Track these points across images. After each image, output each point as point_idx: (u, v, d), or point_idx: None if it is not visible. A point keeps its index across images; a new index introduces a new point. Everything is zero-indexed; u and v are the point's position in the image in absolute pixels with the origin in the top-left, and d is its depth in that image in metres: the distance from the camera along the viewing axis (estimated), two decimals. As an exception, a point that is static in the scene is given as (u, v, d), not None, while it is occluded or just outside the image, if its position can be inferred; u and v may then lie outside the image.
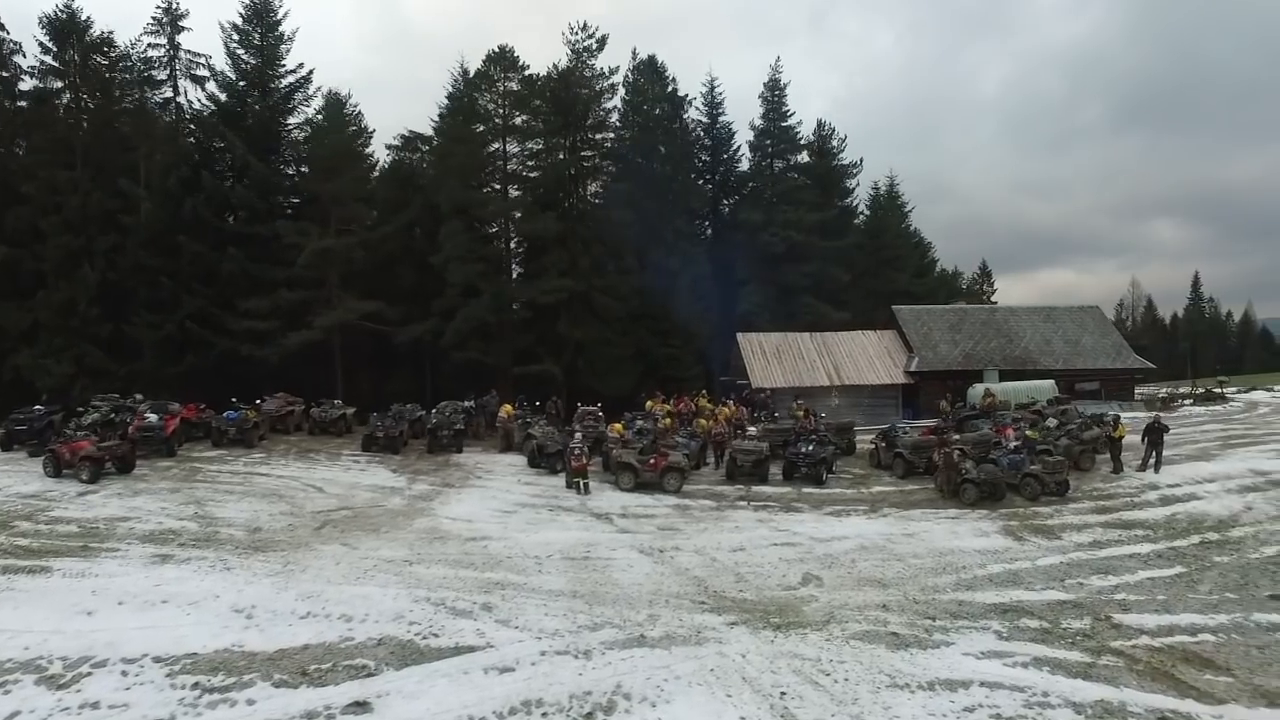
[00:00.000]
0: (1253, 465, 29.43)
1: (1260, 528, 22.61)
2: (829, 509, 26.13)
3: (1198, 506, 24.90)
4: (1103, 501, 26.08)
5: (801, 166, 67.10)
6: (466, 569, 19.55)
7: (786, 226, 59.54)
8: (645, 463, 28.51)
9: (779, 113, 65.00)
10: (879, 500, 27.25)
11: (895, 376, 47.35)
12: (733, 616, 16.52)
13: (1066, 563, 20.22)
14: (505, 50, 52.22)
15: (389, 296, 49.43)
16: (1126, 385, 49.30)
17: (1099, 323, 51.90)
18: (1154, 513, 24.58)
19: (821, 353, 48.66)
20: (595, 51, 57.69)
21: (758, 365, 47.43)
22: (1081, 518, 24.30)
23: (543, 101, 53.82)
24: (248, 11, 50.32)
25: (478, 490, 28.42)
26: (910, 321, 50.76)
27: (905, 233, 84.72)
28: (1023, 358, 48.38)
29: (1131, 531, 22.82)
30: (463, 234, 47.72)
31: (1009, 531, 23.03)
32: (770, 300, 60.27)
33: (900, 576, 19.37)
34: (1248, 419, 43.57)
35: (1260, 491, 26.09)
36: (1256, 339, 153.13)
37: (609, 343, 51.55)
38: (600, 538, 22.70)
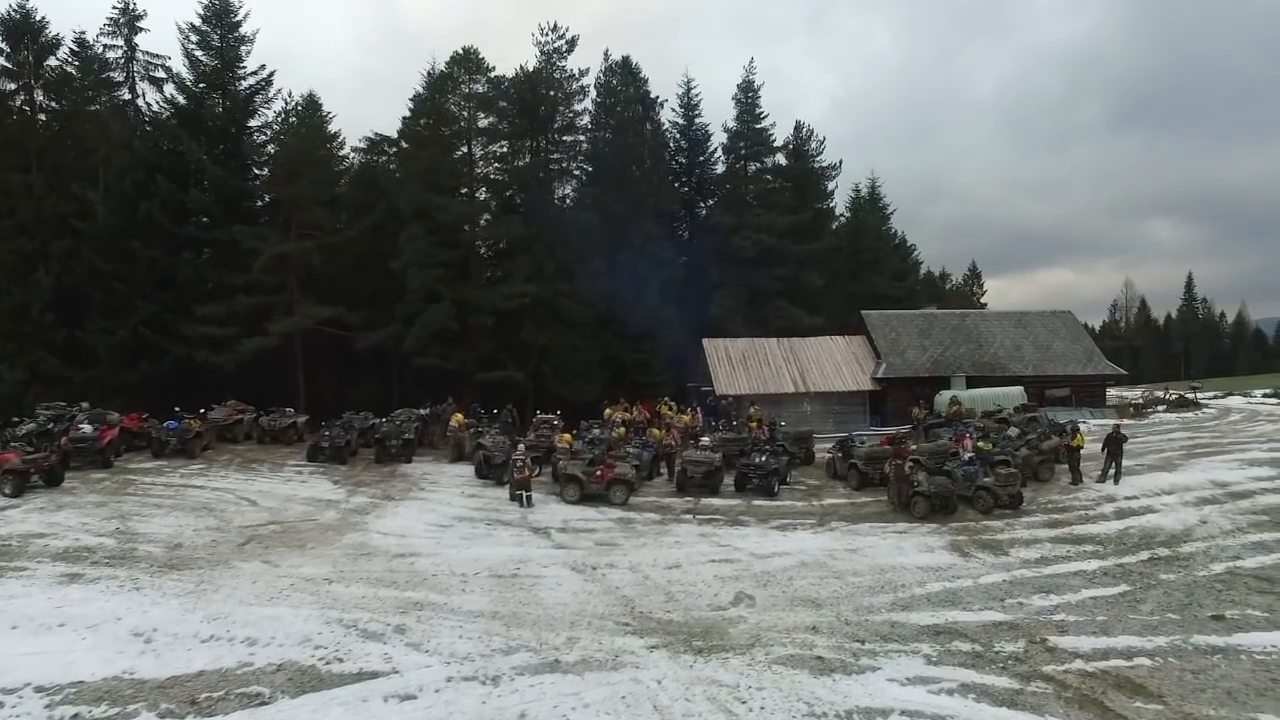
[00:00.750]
0: (1214, 476, 28.86)
1: (1212, 543, 22.01)
2: (776, 523, 25.49)
3: (1152, 520, 24.30)
4: (1056, 515, 25.47)
5: (777, 169, 66.55)
6: (388, 588, 18.91)
7: (759, 230, 58.92)
8: (591, 474, 27.81)
9: (753, 114, 64.50)
10: (828, 513, 26.60)
11: (862, 383, 46.66)
12: (655, 639, 15.90)
13: (1009, 581, 19.60)
14: (470, 52, 51.57)
15: (353, 301, 48.76)
16: (1098, 391, 48.66)
17: (1071, 328, 51.21)
18: (1107, 527, 23.99)
19: (788, 359, 47.96)
20: (565, 53, 57.03)
21: (722, 372, 46.75)
22: (1032, 532, 23.70)
23: (509, 104, 53.10)
24: (207, 12, 49.44)
25: (418, 503, 27.71)
26: (879, 327, 50.04)
27: (886, 235, 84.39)
28: (992, 364, 47.72)
29: (1081, 547, 22.21)
30: (422, 239, 46.96)
31: (956, 547, 22.41)
32: (742, 304, 59.62)
33: (836, 596, 18.73)
34: (1217, 427, 43.03)
35: (1217, 504, 25.52)
36: (1249, 340, 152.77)
37: (575, 348, 50.86)
38: (534, 554, 22.03)
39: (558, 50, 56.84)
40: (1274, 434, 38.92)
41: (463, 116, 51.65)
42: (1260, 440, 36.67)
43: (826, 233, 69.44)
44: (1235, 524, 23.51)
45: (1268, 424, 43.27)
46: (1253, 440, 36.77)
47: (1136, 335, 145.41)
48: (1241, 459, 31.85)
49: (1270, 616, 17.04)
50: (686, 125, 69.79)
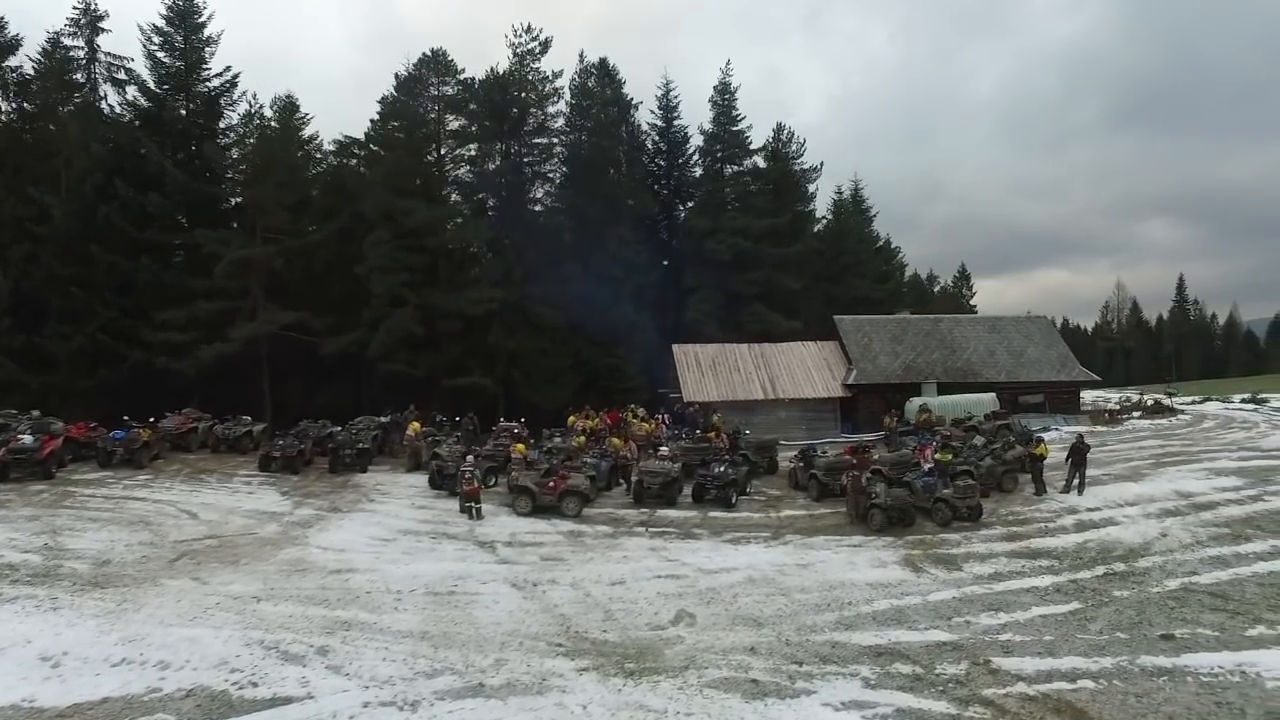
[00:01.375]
0: (1179, 486, 28.41)
1: (1170, 557, 21.50)
2: (729, 536, 24.91)
3: (1111, 533, 23.77)
4: (1016, 527, 24.93)
5: (755, 172, 65.95)
6: (317, 606, 18.35)
7: (734, 233, 58.29)
8: (544, 486, 27.19)
9: (729, 116, 63.82)
10: (785, 526, 26.03)
11: (833, 390, 45.97)
12: (587, 661, 15.43)
13: (959, 598, 19.07)
14: (439, 53, 50.99)
15: (320, 306, 48.06)
16: (1072, 398, 48.10)
17: (1045, 333, 50.65)
18: (1065, 540, 23.44)
19: (759, 365, 47.26)
20: (538, 55, 56.44)
21: (691, 378, 46.06)
22: (989, 545, 23.17)
23: (479, 106, 52.51)
24: (170, 13, 48.57)
25: (365, 515, 27.06)
26: (851, 332, 49.37)
27: (868, 238, 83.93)
28: (964, 370, 47.13)
29: (1036, 562, 21.67)
30: (387, 243, 46.25)
31: (909, 562, 21.86)
32: (718, 309, 59.04)
33: (779, 614, 18.20)
34: (1190, 434, 42.56)
35: (1179, 516, 25.03)
36: (1241, 341, 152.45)
37: (545, 353, 50.19)
38: (475, 569, 21.44)
39: (530, 52, 56.25)
40: (1244, 442, 38.51)
41: (431, 119, 50.88)
42: (1230, 449, 36.25)
43: (806, 236, 68.85)
44: (1195, 537, 23.01)
45: (1240, 431, 42.86)
46: (1222, 449, 36.34)
47: (1128, 337, 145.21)
48: (1209, 468, 31.43)
49: (1220, 636, 16.54)
50: (665, 127, 69.22)
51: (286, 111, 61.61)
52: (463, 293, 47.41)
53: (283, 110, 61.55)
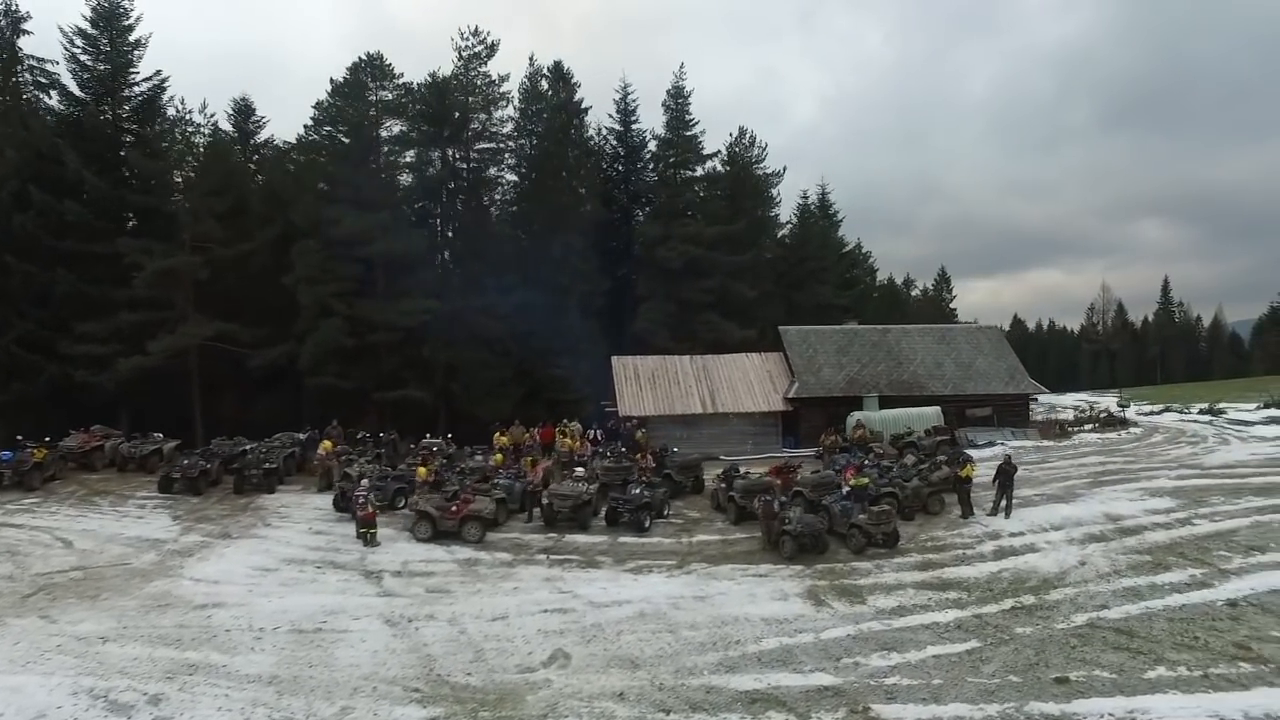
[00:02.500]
0: (1111, 508, 27.52)
1: (1083, 589, 20.46)
2: (632, 564, 23.72)
3: (1029, 561, 22.74)
4: (933, 554, 23.83)
5: (710, 177, 64.94)
6: (167, 647, 17.26)
7: (685, 240, 57.25)
8: (446, 510, 25.96)
9: (682, 121, 62.76)
10: (694, 553, 24.83)
11: (774, 403, 44.73)
12: (440, 709, 14.54)
13: (854, 635, 18.00)
14: (375, 57, 49.69)
15: (254, 317, 46.70)
16: (1021, 410, 47.03)
17: (996, 344, 49.42)
18: (980, 569, 22.37)
19: (700, 377, 45.92)
20: (485, 58, 55.31)
21: (628, 391, 44.75)
22: (899, 575, 22.06)
23: (425, 109, 51.33)
24: (95, 15, 46.91)
25: (254, 541, 25.75)
26: (796, 343, 48.08)
27: (834, 243, 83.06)
28: (910, 382, 45.96)
29: (944, 594, 20.58)
30: (315, 253, 44.98)
31: (812, 594, 20.73)
32: (669, 318, 58.00)
33: (661, 654, 17.13)
34: (1136, 449, 41.69)
35: (1103, 542, 24.07)
36: (1226, 344, 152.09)
37: (486, 365, 48.93)
38: (352, 603, 20.27)
39: (476, 55, 55.14)
40: (1188, 458, 37.66)
41: (366, 125, 49.55)
42: (1171, 466, 35.40)
43: (765, 242, 67.90)
44: (1114, 566, 22.00)
45: (1187, 446, 42.01)
46: (1164, 466, 35.48)
47: (1113, 339, 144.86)
48: (1146, 488, 30.57)
49: (1117, 678, 15.54)
50: (624, 131, 68.18)
51: (242, 115, 60.57)
52: (396, 303, 46.03)
53: (240, 113, 60.54)
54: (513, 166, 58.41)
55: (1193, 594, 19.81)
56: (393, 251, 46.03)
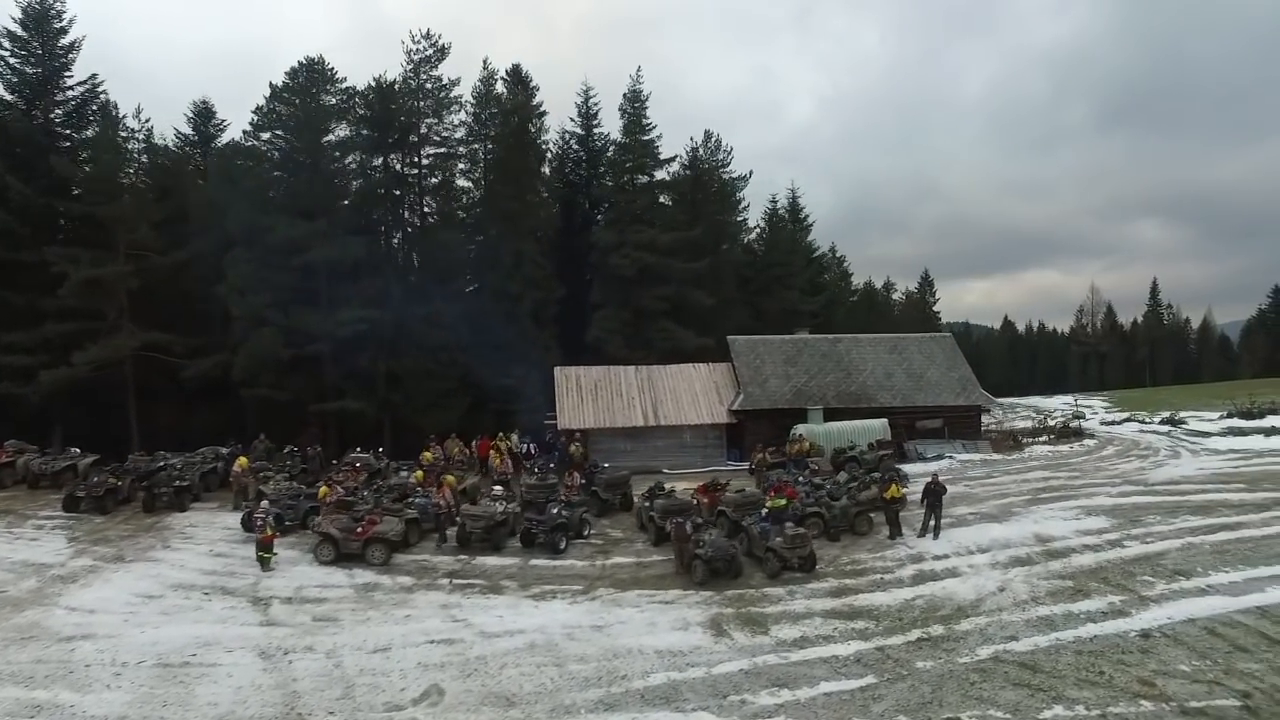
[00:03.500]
0: (1043, 529, 26.77)
1: (996, 618, 19.58)
2: (537, 589, 22.76)
3: (947, 587, 21.87)
4: (849, 579, 22.94)
5: (667, 183, 64.04)
6: (17, 685, 16.36)
7: (640, 247, 56.33)
8: (351, 531, 24.95)
9: (639, 126, 61.83)
10: (605, 577, 23.88)
11: (719, 415, 43.77)
12: None
13: (748, 670, 17.13)
14: (316, 61, 48.61)
15: (190, 327, 45.63)
16: (972, 422, 46.20)
17: (949, 354, 48.46)
18: (895, 596, 21.48)
19: (643, 389, 44.90)
20: (435, 62, 54.37)
21: (569, 403, 43.75)
22: (810, 603, 21.14)
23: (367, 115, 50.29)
24: (25, 17, 45.67)
25: (148, 565, 24.63)
26: (743, 353, 47.08)
27: (803, 247, 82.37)
28: (859, 393, 45.02)
29: (852, 624, 19.67)
30: (247, 262, 43.90)
31: (715, 623, 19.80)
32: (624, 326, 57.09)
33: (540, 690, 16.28)
34: (1084, 463, 40.90)
35: (1028, 566, 23.23)
36: (1215, 346, 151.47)
37: (430, 375, 47.82)
38: (231, 633, 19.27)
39: (427, 59, 54.19)
40: (1134, 473, 36.94)
41: (305, 131, 48.40)
42: (1114, 482, 34.65)
43: (728, 248, 66.99)
44: (1034, 592, 21.14)
45: (1136, 460, 41.28)
46: (1107, 482, 34.74)
47: (1102, 341, 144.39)
48: (1084, 506, 29.83)
49: (1011, 718, 14.65)
50: (585, 135, 67.29)
51: (202, 118, 59.41)
52: (335, 313, 44.92)
53: (197, 116, 59.38)
54: (465, 172, 57.41)
55: (1107, 624, 18.97)
56: (330, 259, 44.84)
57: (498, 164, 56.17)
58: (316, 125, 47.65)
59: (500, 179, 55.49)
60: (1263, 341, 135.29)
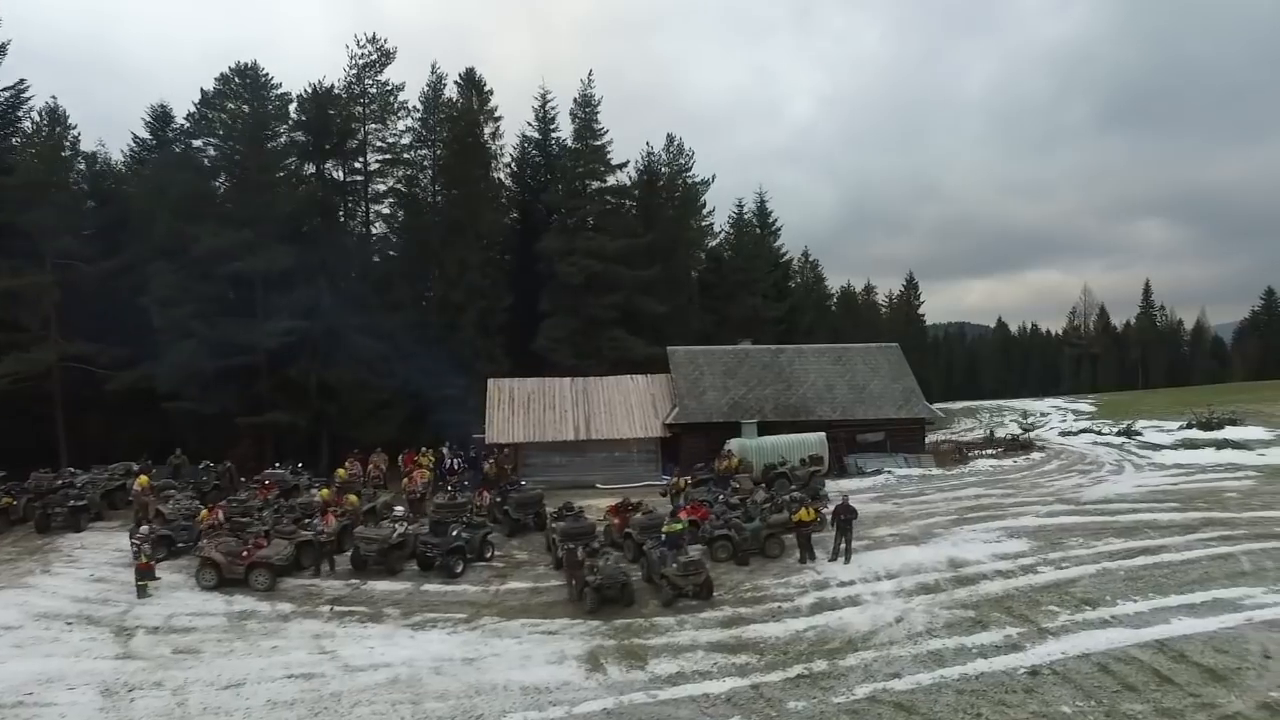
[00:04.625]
0: (960, 552, 25.90)
1: (885, 652, 18.65)
2: (419, 617, 21.76)
3: (844, 617, 20.91)
4: (746, 608, 21.98)
5: (621, 189, 63.27)
6: None
7: (588, 255, 55.49)
8: (235, 555, 23.95)
9: (591, 131, 61.01)
10: (494, 604, 22.90)
11: (652, 429, 42.86)
12: None
13: (612, 710, 16.20)
14: (248, 67, 47.57)
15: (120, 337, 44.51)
16: (916, 435, 45.34)
17: (894, 365, 47.56)
18: (788, 627, 20.50)
19: (577, 402, 43.94)
20: (380, 66, 53.48)
21: (499, 416, 42.76)
22: (697, 634, 20.16)
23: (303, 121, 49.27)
24: (-53, 20, 44.65)
25: (17, 592, 23.52)
26: (682, 365, 46.13)
27: (770, 253, 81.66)
28: (798, 406, 44.12)
29: (735, 658, 18.71)
30: (170, 273, 42.84)
31: (593, 656, 18.84)
32: (573, 334, 56.27)
33: (385, 735, 15.26)
34: (1023, 479, 40.12)
35: (933, 594, 22.33)
36: (1207, 348, 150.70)
37: (366, 386, 46.79)
38: (79, 668, 18.28)
39: (370, 64, 53.29)
40: (1069, 491, 36.19)
41: (234, 137, 47.32)
42: (1047, 500, 33.88)
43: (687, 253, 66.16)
44: (931, 623, 20.21)
45: (1077, 476, 40.52)
46: (1040, 500, 33.98)
47: (1094, 343, 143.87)
48: (1009, 527, 29.02)
49: (867, 771, 13.77)
50: (542, 140, 66.44)
51: (160, 122, 58.20)
52: (265, 323, 43.87)
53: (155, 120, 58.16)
54: (412, 178, 56.42)
55: (998, 660, 18.06)
56: (259, 269, 43.78)
57: (443, 170, 55.25)
58: (248, 132, 46.53)
59: (446, 185, 54.60)
60: (1254, 345, 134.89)
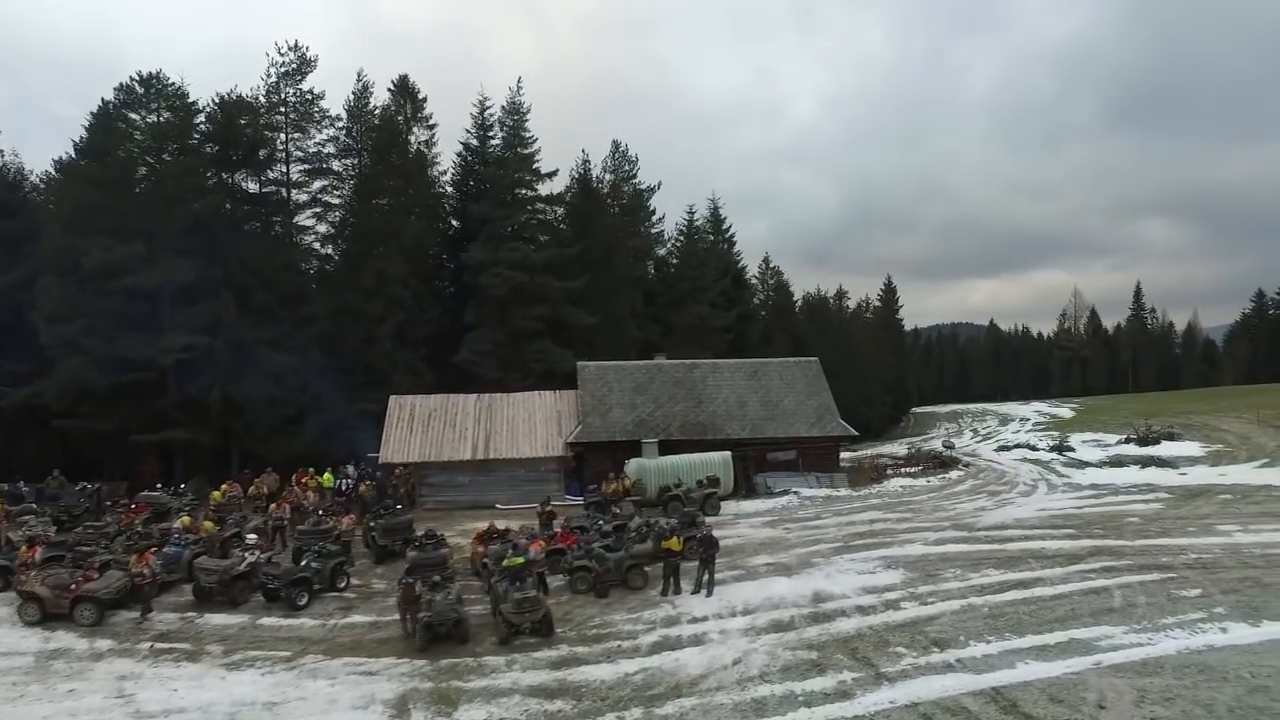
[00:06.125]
0: (829, 585, 24.98)
1: (709, 699, 17.65)
2: (240, 655, 20.64)
3: (681, 658, 19.84)
4: (584, 646, 20.91)
5: (551, 198, 62.44)
6: None
7: (512, 266, 54.53)
8: (63, 589, 22.80)
9: (520, 139, 60.12)
10: (324, 640, 21.76)
11: (554, 448, 41.83)
12: None
13: (392, 764, 15.14)
14: (151, 76, 46.42)
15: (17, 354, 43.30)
16: (830, 454, 44.48)
17: (811, 380, 46.56)
18: (620, 669, 19.41)
19: (480, 419, 42.86)
20: (299, 74, 52.44)
21: (395, 435, 41.66)
22: (522, 676, 19.11)
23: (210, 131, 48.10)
24: None
25: None
26: (590, 381, 45.14)
27: (723, 260, 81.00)
28: (705, 424, 43.19)
29: (550, 704, 17.67)
30: (58, 289, 41.70)
31: (403, 701, 17.79)
32: (498, 347, 55.29)
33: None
34: (928, 501, 39.29)
35: (782, 632, 21.31)
36: (1198, 351, 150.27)
37: (273, 402, 45.62)
38: None
39: (289, 73, 52.23)
40: (969, 515, 35.34)
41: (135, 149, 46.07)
42: (940, 526, 33.03)
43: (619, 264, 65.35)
44: (769, 666, 19.17)
45: (985, 497, 39.77)
46: (932, 526, 33.11)
47: (1084, 346, 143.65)
48: (888, 557, 28.09)
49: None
50: (480, 147, 65.48)
51: None
52: (162, 339, 42.67)
53: None
54: (334, 188, 55.41)
55: (819, 710, 17.09)
56: (155, 284, 42.58)
57: (364, 180, 54.23)
58: (145, 143, 45.33)
59: (366, 195, 53.56)
60: (1243, 348, 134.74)
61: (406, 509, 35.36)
